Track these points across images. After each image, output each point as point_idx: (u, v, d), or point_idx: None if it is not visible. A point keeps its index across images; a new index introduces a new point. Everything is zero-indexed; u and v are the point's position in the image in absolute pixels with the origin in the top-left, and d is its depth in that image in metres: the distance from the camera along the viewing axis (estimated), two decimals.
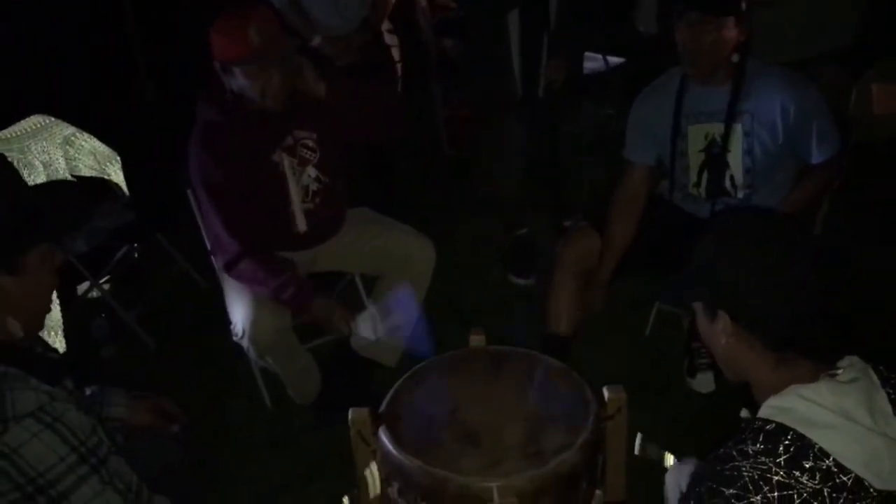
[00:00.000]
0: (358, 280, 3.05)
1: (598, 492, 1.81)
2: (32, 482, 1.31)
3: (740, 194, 2.58)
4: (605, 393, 1.80)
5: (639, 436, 1.78)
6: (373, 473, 1.76)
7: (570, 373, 1.93)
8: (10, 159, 2.56)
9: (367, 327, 2.47)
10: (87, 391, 1.84)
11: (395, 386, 1.93)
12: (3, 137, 3.04)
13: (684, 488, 1.61)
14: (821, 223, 2.84)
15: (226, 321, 2.62)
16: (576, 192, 3.60)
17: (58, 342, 2.80)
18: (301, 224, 2.58)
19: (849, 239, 3.23)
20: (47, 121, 3.19)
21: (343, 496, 1.76)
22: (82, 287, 3.43)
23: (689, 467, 1.68)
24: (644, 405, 1.86)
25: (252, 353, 2.55)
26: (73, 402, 1.41)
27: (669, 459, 1.76)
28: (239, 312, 2.51)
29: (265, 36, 2.30)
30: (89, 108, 3.52)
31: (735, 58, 2.44)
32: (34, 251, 1.42)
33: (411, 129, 3.72)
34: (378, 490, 1.76)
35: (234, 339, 2.55)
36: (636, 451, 1.79)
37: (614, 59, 5.07)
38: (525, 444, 1.73)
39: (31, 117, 3.16)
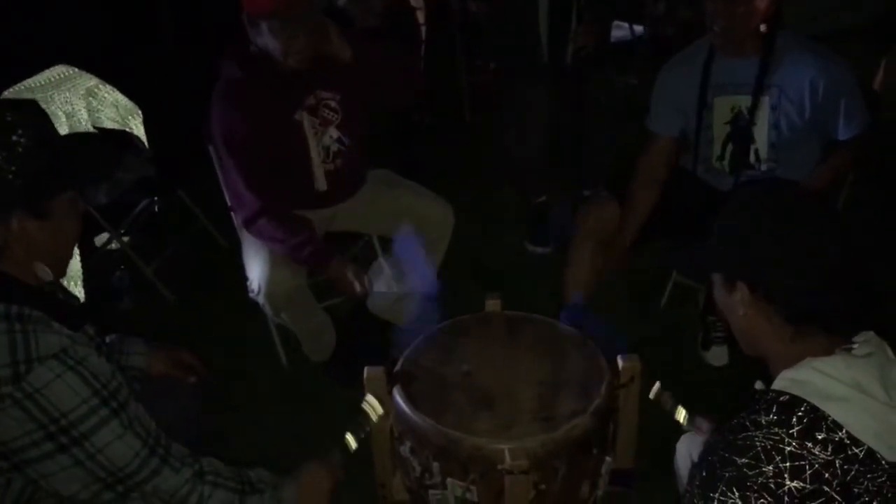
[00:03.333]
0: (375, 241, 3.06)
1: (608, 458, 1.83)
2: (55, 422, 1.33)
3: (764, 168, 2.55)
4: (620, 361, 1.82)
5: (657, 383, 1.80)
6: (372, 406, 1.77)
7: (585, 340, 1.94)
8: None
9: (381, 283, 2.46)
10: (107, 339, 1.86)
11: (411, 346, 1.95)
12: (28, 87, 3.06)
13: (696, 458, 1.63)
14: (843, 199, 2.82)
15: (243, 277, 2.64)
16: (598, 161, 3.58)
17: (77, 292, 2.83)
18: (321, 183, 2.59)
19: (871, 216, 3.21)
20: (71, 71, 3.20)
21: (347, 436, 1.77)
22: (101, 238, 3.46)
23: (700, 438, 1.70)
24: (656, 376, 1.87)
25: (268, 310, 2.58)
26: (93, 347, 1.43)
27: (681, 413, 1.77)
28: (256, 269, 2.53)
29: None
30: (113, 60, 3.52)
31: (763, 28, 2.40)
32: (61, 197, 1.44)
33: (434, 92, 3.71)
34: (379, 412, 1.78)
35: (251, 295, 2.57)
36: (651, 396, 1.80)
37: (640, 29, 5.01)
38: (538, 408, 1.75)
39: (55, 67, 3.17)
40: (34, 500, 1.42)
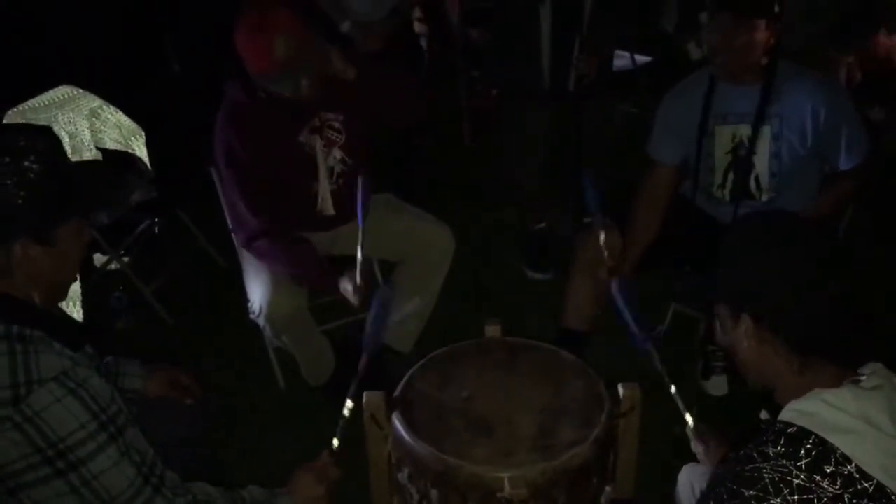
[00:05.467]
0: (375, 265, 3.06)
1: (607, 488, 1.82)
2: (53, 446, 1.32)
3: (764, 198, 2.56)
4: (620, 390, 1.81)
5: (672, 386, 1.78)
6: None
7: (585, 368, 1.93)
8: None
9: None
10: (105, 361, 1.85)
11: (410, 372, 1.94)
12: (32, 107, 3.07)
13: (697, 490, 1.62)
14: (844, 228, 2.82)
15: (242, 300, 2.64)
16: (598, 188, 3.58)
17: (75, 313, 2.82)
18: (325, 205, 2.59)
19: (871, 245, 3.21)
20: (75, 92, 3.20)
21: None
22: (100, 258, 3.46)
23: (702, 468, 1.68)
24: (656, 405, 1.86)
25: (268, 332, 2.57)
26: (94, 368, 1.42)
27: (689, 420, 1.75)
28: (257, 291, 2.52)
29: (291, 48, 2.27)
30: (117, 81, 3.53)
31: (764, 60, 2.42)
32: (67, 224, 1.43)
33: (434, 117, 3.73)
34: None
35: (251, 317, 2.56)
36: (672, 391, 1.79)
37: (642, 58, 5.04)
38: (538, 436, 1.73)
39: (60, 88, 3.18)
40: None
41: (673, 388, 1.79)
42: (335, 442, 1.79)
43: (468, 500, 1.65)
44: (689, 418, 1.74)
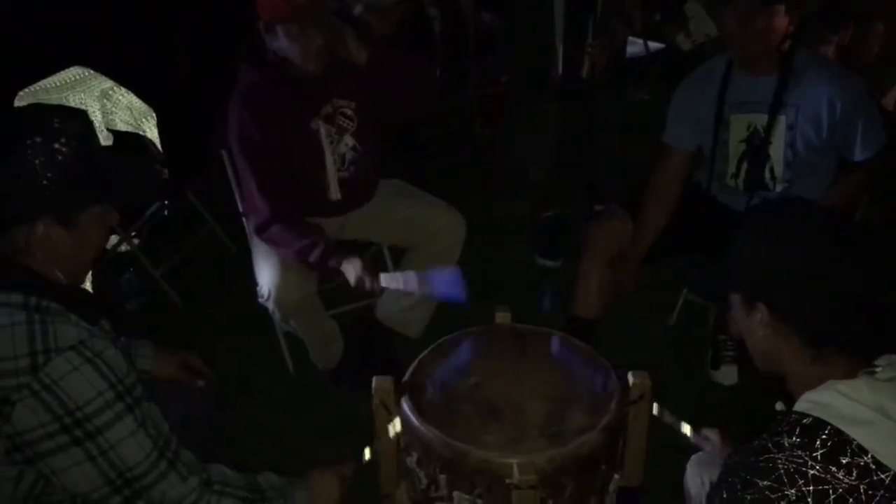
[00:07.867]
0: (385, 251, 3.05)
1: (616, 475, 1.81)
2: (70, 414, 1.32)
3: (778, 188, 2.54)
4: (630, 378, 1.80)
5: (655, 405, 1.79)
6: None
7: (596, 355, 1.92)
8: None
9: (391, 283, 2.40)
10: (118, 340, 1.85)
11: (420, 357, 1.93)
12: (43, 88, 3.07)
13: (706, 480, 1.62)
14: (858, 221, 2.79)
15: (252, 283, 2.64)
16: (609, 176, 3.57)
17: None
18: (335, 191, 2.58)
19: (885, 238, 3.18)
20: (86, 73, 3.21)
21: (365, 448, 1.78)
22: (111, 240, 3.46)
23: (710, 458, 1.68)
24: (664, 393, 1.85)
25: (277, 316, 2.57)
26: (110, 341, 1.43)
27: (686, 428, 1.76)
28: (266, 275, 2.52)
29: None
30: (128, 63, 3.53)
31: (786, 45, 2.39)
32: (93, 210, 1.43)
33: (445, 103, 3.71)
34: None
35: (260, 300, 2.56)
36: (654, 412, 1.79)
37: (655, 45, 5.01)
38: (547, 423, 1.73)
39: (71, 69, 3.18)
40: (45, 494, 1.41)
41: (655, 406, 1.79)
42: (367, 454, 1.79)
43: (476, 486, 1.64)
44: (686, 429, 1.74)
